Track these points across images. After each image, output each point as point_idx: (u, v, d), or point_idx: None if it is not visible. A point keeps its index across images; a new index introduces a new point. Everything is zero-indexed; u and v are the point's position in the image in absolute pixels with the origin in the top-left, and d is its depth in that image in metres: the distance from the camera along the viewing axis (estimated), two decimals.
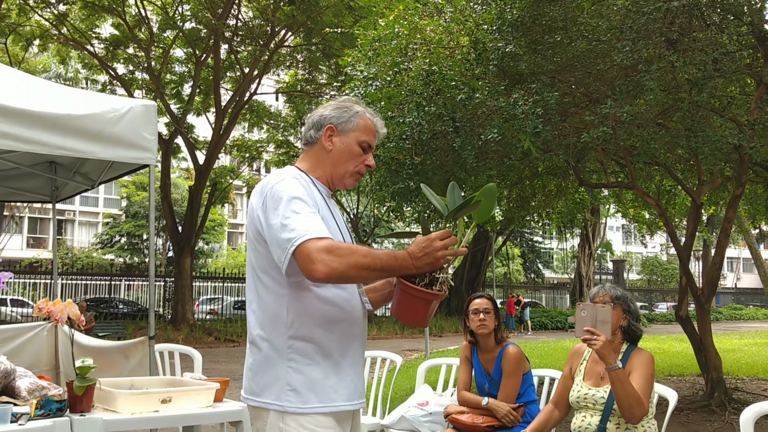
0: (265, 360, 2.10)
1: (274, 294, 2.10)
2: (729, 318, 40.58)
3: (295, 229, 1.96)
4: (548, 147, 6.63)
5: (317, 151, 2.28)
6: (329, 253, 1.92)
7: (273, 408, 2.06)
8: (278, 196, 2.06)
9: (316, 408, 2.04)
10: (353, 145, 2.26)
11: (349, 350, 2.14)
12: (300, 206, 2.02)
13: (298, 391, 2.05)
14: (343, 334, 2.12)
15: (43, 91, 4.33)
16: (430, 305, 2.08)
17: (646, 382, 3.21)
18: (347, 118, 2.27)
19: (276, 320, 2.09)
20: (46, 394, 3.07)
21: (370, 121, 2.31)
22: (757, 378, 10.48)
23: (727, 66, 5.86)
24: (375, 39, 7.65)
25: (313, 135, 2.29)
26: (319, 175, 2.27)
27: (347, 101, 2.33)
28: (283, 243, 1.98)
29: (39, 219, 43.74)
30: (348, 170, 2.28)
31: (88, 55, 21.53)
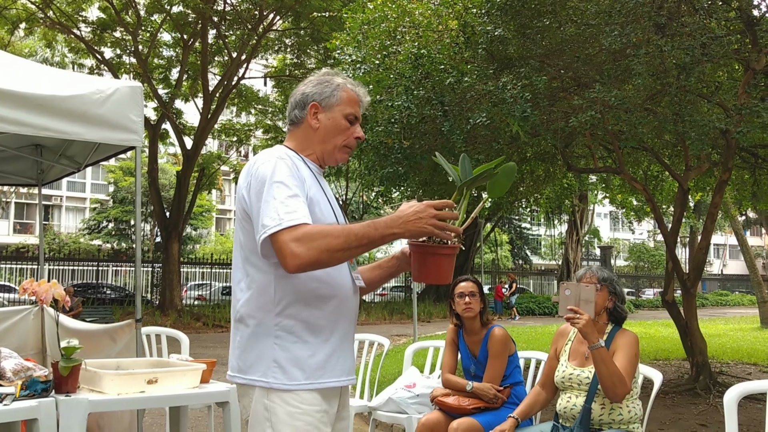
0: (252, 337, 2.09)
1: (261, 272, 2.09)
2: (715, 304, 40.90)
3: (272, 216, 1.97)
4: (536, 131, 6.63)
5: (304, 130, 2.27)
6: (299, 242, 1.93)
7: (259, 385, 2.06)
8: (261, 178, 2.06)
9: (302, 385, 2.05)
10: (339, 120, 2.24)
11: (337, 327, 2.14)
12: (280, 191, 2.01)
13: (283, 367, 2.05)
14: (331, 311, 2.12)
15: (28, 72, 4.29)
16: (453, 259, 2.09)
17: (630, 362, 3.24)
18: (330, 92, 2.25)
19: (263, 298, 2.08)
20: (32, 374, 3.06)
21: (352, 92, 2.28)
22: (741, 362, 10.59)
23: (715, 51, 5.86)
24: (363, 22, 7.61)
25: (298, 114, 2.28)
26: (308, 153, 2.26)
27: (327, 74, 2.31)
28: (258, 228, 2.01)
29: (26, 204, 43.46)
30: (337, 145, 2.26)
31: (74, 38, 21.31)
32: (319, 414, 2.07)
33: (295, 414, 2.03)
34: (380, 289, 34.80)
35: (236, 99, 24.06)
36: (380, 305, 28.02)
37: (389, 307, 27.07)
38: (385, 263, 2.34)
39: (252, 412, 2.10)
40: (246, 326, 2.11)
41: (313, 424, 2.05)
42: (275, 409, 2.04)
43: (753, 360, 10.75)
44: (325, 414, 2.10)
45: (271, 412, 2.04)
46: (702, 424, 6.38)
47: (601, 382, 3.16)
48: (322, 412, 2.08)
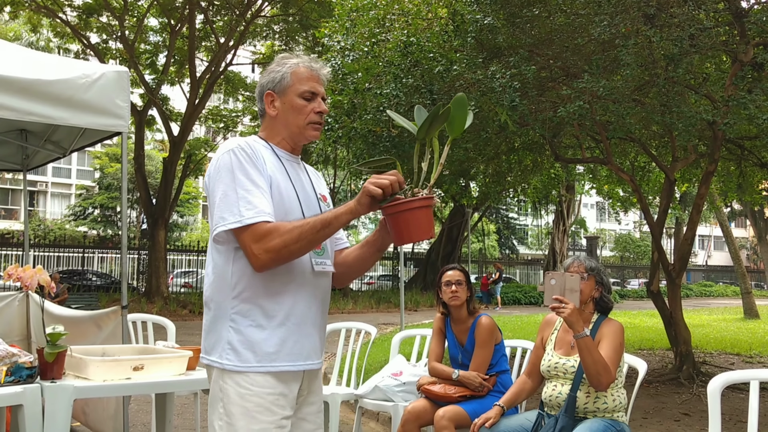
0: (213, 320, 2.15)
1: (222, 256, 2.14)
2: (699, 295, 41.23)
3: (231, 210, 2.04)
4: (525, 121, 6.63)
5: (268, 119, 2.30)
6: (258, 243, 2.02)
7: (215, 366, 2.13)
8: (222, 167, 2.11)
9: (253, 367, 2.08)
10: (294, 100, 2.25)
11: (294, 312, 2.15)
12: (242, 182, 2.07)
13: (236, 350, 2.09)
14: (287, 296, 2.14)
15: (13, 55, 4.25)
16: (430, 212, 2.07)
17: (615, 351, 3.26)
18: (280, 77, 2.26)
19: (222, 282, 2.13)
20: (17, 360, 3.04)
21: (305, 69, 2.28)
22: (724, 352, 10.69)
23: (703, 42, 5.88)
24: (352, 9, 7.58)
25: (260, 107, 2.32)
26: (278, 140, 2.28)
27: (281, 60, 2.32)
28: (216, 218, 2.08)
29: (10, 190, 43.12)
30: (300, 124, 2.26)
31: (60, 23, 21.09)
32: (271, 397, 2.09)
33: (245, 395, 2.07)
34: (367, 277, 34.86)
35: (224, 85, 23.94)
36: (367, 294, 28.06)
37: (376, 295, 27.11)
38: (371, 238, 2.34)
39: (210, 391, 2.16)
40: (209, 309, 2.18)
41: (263, 406, 2.07)
42: (227, 389, 2.08)
43: (736, 350, 10.85)
44: (281, 397, 2.11)
45: (223, 392, 2.09)
46: (685, 413, 6.44)
47: (585, 371, 3.18)
48: (276, 395, 2.10)
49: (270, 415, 2.08)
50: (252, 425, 2.06)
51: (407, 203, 2.02)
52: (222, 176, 2.10)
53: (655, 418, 6.19)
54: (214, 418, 2.12)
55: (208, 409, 2.17)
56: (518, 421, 3.52)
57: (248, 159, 2.11)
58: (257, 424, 2.06)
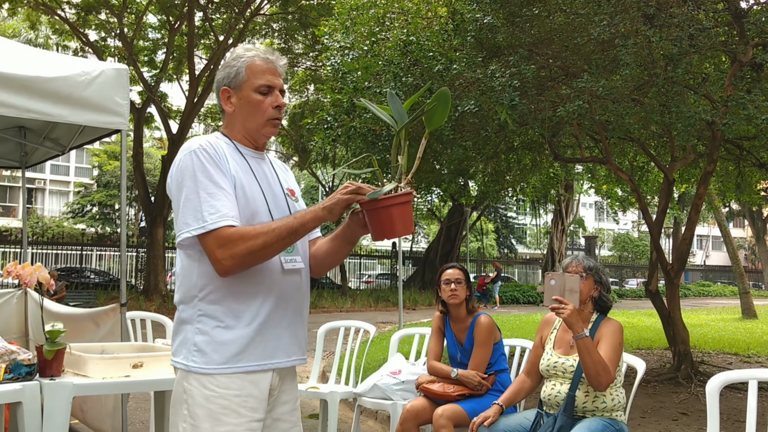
0: (180, 322, 2.12)
1: (189, 258, 2.11)
2: (697, 294, 41.28)
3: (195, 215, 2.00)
4: (524, 120, 6.63)
5: (227, 116, 2.24)
6: (222, 249, 1.97)
7: (180, 367, 2.09)
8: (184, 170, 2.06)
9: (219, 369, 2.04)
10: (251, 96, 2.18)
11: (263, 311, 2.10)
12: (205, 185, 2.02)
13: (202, 351, 2.05)
14: (254, 296, 2.09)
15: (12, 52, 4.24)
16: (410, 208, 2.06)
17: (614, 351, 3.26)
18: (235, 72, 2.19)
19: (188, 284, 2.10)
20: (15, 358, 3.04)
21: (260, 61, 2.20)
22: (722, 352, 10.70)
23: (702, 42, 5.88)
24: (352, 8, 7.57)
25: (219, 104, 2.26)
26: (238, 138, 2.22)
27: (235, 53, 2.25)
28: (179, 223, 2.05)
29: (8, 187, 43.06)
30: (258, 122, 2.20)
31: (59, 20, 21.06)
32: (238, 399, 2.05)
33: (211, 397, 2.03)
34: (366, 276, 34.88)
35: None
36: (366, 293, 28.06)
37: (375, 294, 27.11)
38: (340, 232, 2.28)
39: (173, 393, 2.12)
40: (178, 311, 2.14)
41: (229, 408, 2.03)
42: (192, 391, 2.04)
43: (734, 350, 10.86)
44: (250, 398, 2.07)
45: (188, 394, 2.05)
46: (683, 412, 6.44)
47: (585, 371, 3.19)
48: (244, 397, 2.06)
49: (236, 417, 2.04)
50: (217, 428, 2.01)
51: (389, 199, 2.00)
52: (185, 179, 2.04)
53: (654, 418, 6.19)
54: (177, 419, 2.07)
55: (171, 410, 2.12)
56: (517, 420, 3.52)
57: (211, 160, 2.06)
58: (222, 426, 2.02)
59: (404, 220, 2.03)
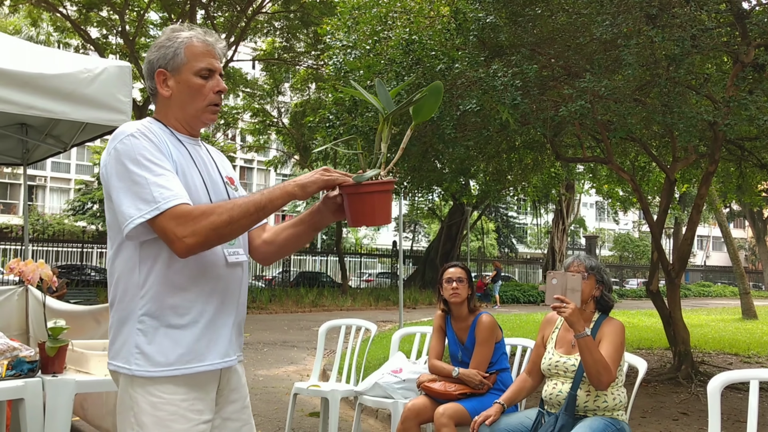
0: (119, 322, 1.97)
1: (127, 255, 1.96)
2: (698, 295, 41.30)
3: (145, 198, 1.84)
4: (526, 120, 6.63)
5: (161, 100, 2.08)
6: (183, 226, 1.83)
7: (122, 372, 1.95)
8: (123, 155, 1.90)
9: (164, 371, 1.93)
10: (191, 80, 2.05)
11: (207, 309, 1.99)
12: (149, 168, 1.87)
13: (145, 354, 1.92)
14: (199, 292, 1.98)
15: (14, 49, 4.24)
16: (390, 197, 2.01)
17: (615, 350, 3.26)
18: (172, 54, 2.04)
19: (128, 282, 1.95)
20: (18, 354, 3.05)
21: (200, 43, 2.07)
22: (723, 352, 10.71)
23: (705, 43, 5.88)
24: (354, 7, 7.56)
25: (150, 85, 2.09)
26: (172, 123, 2.08)
27: (172, 32, 2.10)
28: (125, 211, 1.86)
29: (9, 184, 43.07)
30: (198, 108, 2.08)
31: (60, 17, 21.07)
32: (185, 403, 1.95)
33: (157, 404, 1.92)
34: (366, 275, 34.87)
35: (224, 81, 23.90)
36: (366, 291, 28.07)
37: (375, 293, 27.12)
38: (306, 217, 2.16)
39: (118, 400, 2.00)
40: (115, 311, 1.99)
41: (177, 414, 1.93)
42: (137, 398, 1.93)
43: (734, 350, 10.87)
44: (197, 401, 1.98)
45: (134, 401, 1.93)
46: (683, 412, 6.45)
47: (586, 370, 3.19)
48: (191, 400, 1.96)
49: (185, 422, 1.94)
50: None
51: (372, 185, 1.95)
52: (126, 164, 1.88)
53: (654, 417, 6.20)
54: (125, 427, 1.96)
55: (117, 417, 2.00)
56: (518, 419, 3.52)
57: (151, 143, 1.92)
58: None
59: (384, 208, 1.99)
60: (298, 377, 8.80)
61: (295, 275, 30.09)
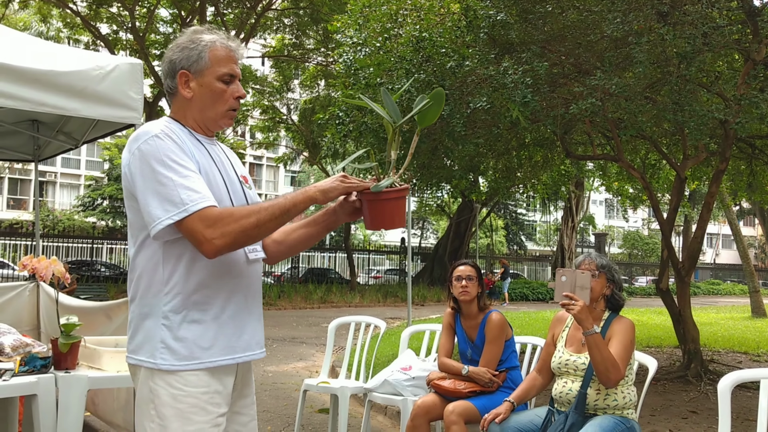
0: (141, 317, 2.02)
1: (150, 252, 2.00)
2: (707, 293, 41.15)
3: (173, 201, 1.88)
4: (536, 117, 6.62)
5: (181, 101, 2.12)
6: (212, 228, 1.87)
7: (145, 365, 1.99)
8: (148, 156, 1.94)
9: (189, 365, 1.97)
10: (214, 84, 2.09)
11: (229, 305, 2.05)
12: (175, 170, 1.91)
13: (171, 348, 1.97)
14: (222, 288, 2.04)
15: (26, 46, 4.26)
16: (404, 203, 2.12)
17: (625, 348, 3.26)
18: (197, 56, 2.08)
19: (153, 278, 2.00)
20: (30, 351, 3.07)
21: (223, 48, 2.11)
22: (732, 350, 10.67)
23: (716, 40, 5.85)
24: (365, 5, 7.56)
25: (170, 84, 2.12)
26: (190, 124, 2.12)
27: (194, 34, 2.13)
28: (157, 211, 1.90)
29: (20, 180, 43.29)
30: (218, 112, 2.13)
31: (70, 13, 21.14)
32: (206, 395, 2.00)
33: (178, 396, 1.96)
34: (374, 271, 34.89)
35: None
36: (374, 288, 28.09)
37: (383, 289, 27.14)
38: (320, 218, 2.23)
39: (138, 393, 2.04)
40: (136, 306, 2.04)
41: (198, 406, 1.98)
42: (158, 391, 1.97)
43: (743, 349, 10.83)
44: (216, 394, 2.02)
45: (154, 393, 1.97)
46: (692, 410, 6.43)
47: (594, 367, 3.19)
48: (211, 393, 2.01)
49: (205, 414, 1.98)
50: (187, 426, 1.96)
51: (391, 192, 2.05)
52: (152, 165, 1.92)
53: (663, 416, 6.19)
54: (144, 419, 2.00)
55: (136, 410, 2.04)
56: (528, 417, 3.53)
57: (174, 144, 1.96)
58: (192, 425, 1.96)
59: (401, 213, 2.10)
60: (306, 373, 8.82)
61: (304, 271, 30.15)
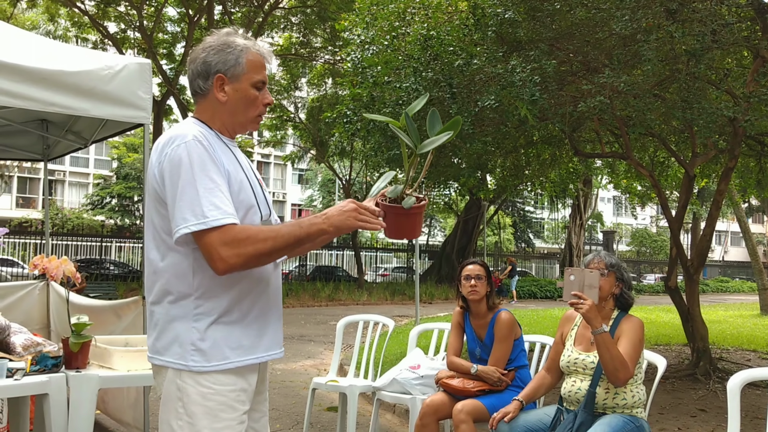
0: (168, 319, 2.05)
1: (180, 255, 2.03)
2: (715, 290, 40.97)
3: (194, 211, 1.92)
4: (544, 115, 6.61)
5: (211, 102, 2.14)
6: (227, 247, 1.91)
7: (174, 366, 2.03)
8: (177, 161, 1.97)
9: (218, 365, 2.02)
10: (248, 90, 2.13)
11: (255, 306, 2.11)
12: (200, 180, 1.95)
13: (201, 350, 2.01)
14: (249, 291, 2.09)
15: (35, 46, 4.28)
16: (422, 214, 2.22)
17: (633, 347, 3.26)
18: (234, 60, 2.11)
19: (182, 282, 2.03)
20: (42, 350, 3.09)
21: (257, 55, 2.15)
22: (741, 348, 10.62)
23: (725, 38, 5.83)
24: (373, 3, 7.55)
25: (202, 85, 2.14)
26: (218, 126, 2.15)
27: (228, 36, 2.16)
28: (177, 219, 1.94)
29: (29, 179, 43.47)
30: (249, 117, 2.17)
31: (78, 12, 21.20)
32: (233, 393, 2.05)
33: (208, 394, 2.01)
34: (382, 269, 34.91)
35: None
36: (382, 286, 28.11)
37: (391, 287, 27.15)
38: None
39: (164, 392, 2.08)
40: (163, 308, 2.06)
41: (225, 404, 2.03)
42: (187, 389, 2.01)
43: (753, 347, 10.78)
44: (242, 392, 2.08)
45: (183, 392, 2.02)
46: (701, 409, 6.42)
47: (603, 366, 3.19)
48: (237, 391, 2.07)
49: (232, 412, 2.05)
50: (215, 423, 2.01)
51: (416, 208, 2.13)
52: (181, 171, 1.95)
53: (672, 414, 6.17)
54: (170, 417, 2.04)
55: (161, 408, 2.08)
56: (537, 415, 3.53)
57: (206, 154, 1.99)
58: (220, 422, 2.02)
59: (418, 227, 2.20)
60: (315, 371, 8.83)
61: (312, 269, 30.20)
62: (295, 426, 5.92)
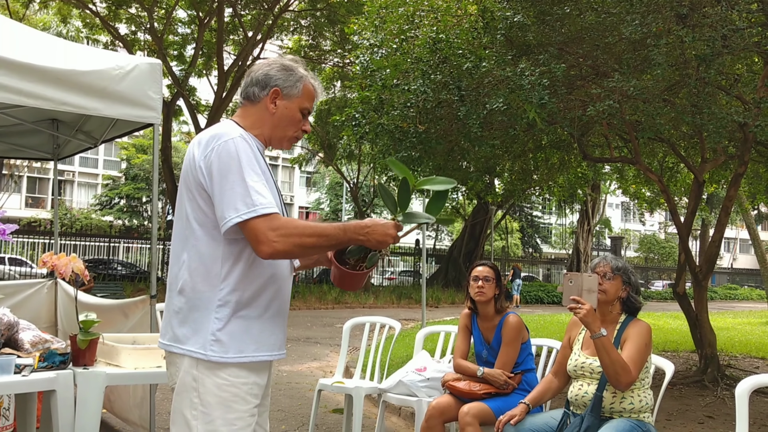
0: (192, 309, 2.13)
1: (209, 247, 2.12)
2: (724, 297, 40.78)
3: (245, 201, 2.02)
4: (553, 119, 6.60)
5: (259, 110, 2.28)
6: (276, 232, 2.02)
7: (193, 356, 2.10)
8: (228, 156, 2.08)
9: (234, 358, 2.10)
10: (295, 111, 2.29)
11: (272, 305, 2.20)
12: (250, 174, 2.06)
13: (221, 341, 2.09)
14: (270, 289, 2.18)
15: (47, 45, 4.30)
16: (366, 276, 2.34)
17: (639, 351, 3.24)
18: (293, 82, 2.28)
19: (209, 272, 2.11)
20: (49, 347, 3.10)
21: (312, 87, 2.32)
22: (749, 356, 10.58)
23: (735, 43, 5.80)
24: (382, 6, 7.56)
25: (256, 93, 2.28)
26: (257, 133, 2.26)
27: (293, 62, 2.33)
28: (225, 210, 2.04)
29: (38, 179, 43.69)
30: (287, 135, 2.32)
31: (89, 14, 21.30)
32: (246, 386, 2.13)
33: (223, 386, 2.09)
34: (388, 272, 34.90)
35: None
36: (388, 289, 28.08)
37: (397, 291, 27.12)
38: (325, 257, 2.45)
39: (179, 381, 2.14)
40: (187, 299, 2.14)
41: (239, 396, 2.11)
42: (203, 380, 2.09)
43: (761, 354, 10.73)
44: (255, 386, 2.16)
45: (199, 382, 2.09)
46: (709, 415, 6.39)
47: (604, 370, 3.18)
48: (250, 385, 2.14)
49: (245, 404, 2.13)
50: (228, 414, 2.09)
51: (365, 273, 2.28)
52: (230, 165, 2.06)
53: (679, 420, 6.15)
54: (184, 406, 2.11)
55: (175, 397, 2.16)
56: (543, 419, 3.52)
57: (251, 151, 2.12)
58: (233, 413, 2.09)
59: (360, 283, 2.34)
60: (321, 373, 8.83)
61: (318, 272, 30.19)
62: (300, 427, 5.93)
